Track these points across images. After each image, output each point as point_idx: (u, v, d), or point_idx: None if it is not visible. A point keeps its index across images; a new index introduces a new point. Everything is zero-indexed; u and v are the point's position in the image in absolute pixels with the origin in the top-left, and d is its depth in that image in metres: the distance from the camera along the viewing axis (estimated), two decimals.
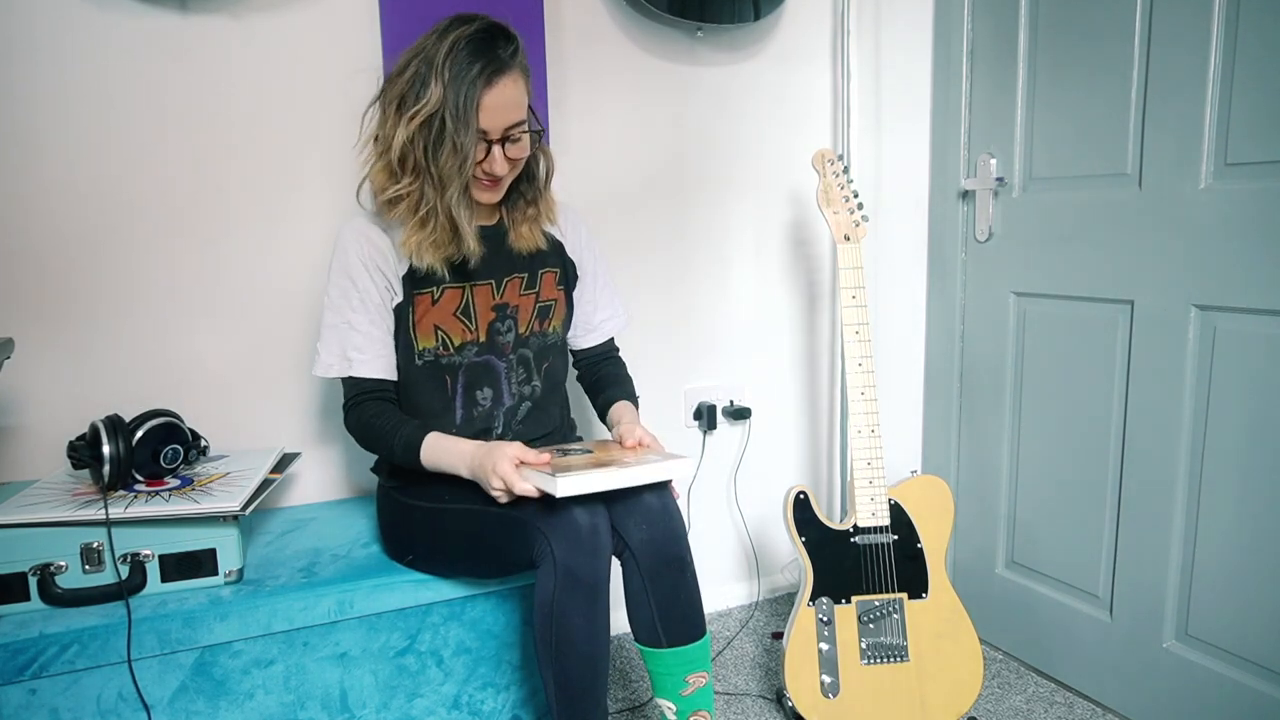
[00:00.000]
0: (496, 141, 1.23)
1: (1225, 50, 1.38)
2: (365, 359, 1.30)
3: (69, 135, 1.46)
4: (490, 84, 1.19)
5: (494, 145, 1.23)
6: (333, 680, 1.29)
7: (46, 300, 1.48)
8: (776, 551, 2.14)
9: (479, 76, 1.18)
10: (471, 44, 1.19)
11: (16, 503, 1.23)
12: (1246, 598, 1.42)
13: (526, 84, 1.26)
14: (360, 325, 1.29)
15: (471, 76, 1.18)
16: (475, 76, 1.18)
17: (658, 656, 1.26)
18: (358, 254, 1.29)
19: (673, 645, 1.25)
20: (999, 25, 1.77)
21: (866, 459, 1.56)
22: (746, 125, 1.98)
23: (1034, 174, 1.73)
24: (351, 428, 1.32)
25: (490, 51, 1.20)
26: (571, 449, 1.32)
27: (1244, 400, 1.40)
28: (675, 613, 1.25)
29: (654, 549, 1.23)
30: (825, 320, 2.13)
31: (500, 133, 1.23)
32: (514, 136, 1.25)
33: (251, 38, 1.54)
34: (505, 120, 1.23)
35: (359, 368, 1.30)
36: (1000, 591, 1.87)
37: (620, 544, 1.24)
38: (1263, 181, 1.35)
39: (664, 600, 1.24)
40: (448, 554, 1.31)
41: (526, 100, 1.26)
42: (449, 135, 1.19)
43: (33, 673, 1.14)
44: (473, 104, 1.19)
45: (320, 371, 1.31)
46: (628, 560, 1.24)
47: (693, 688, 1.27)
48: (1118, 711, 1.64)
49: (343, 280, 1.29)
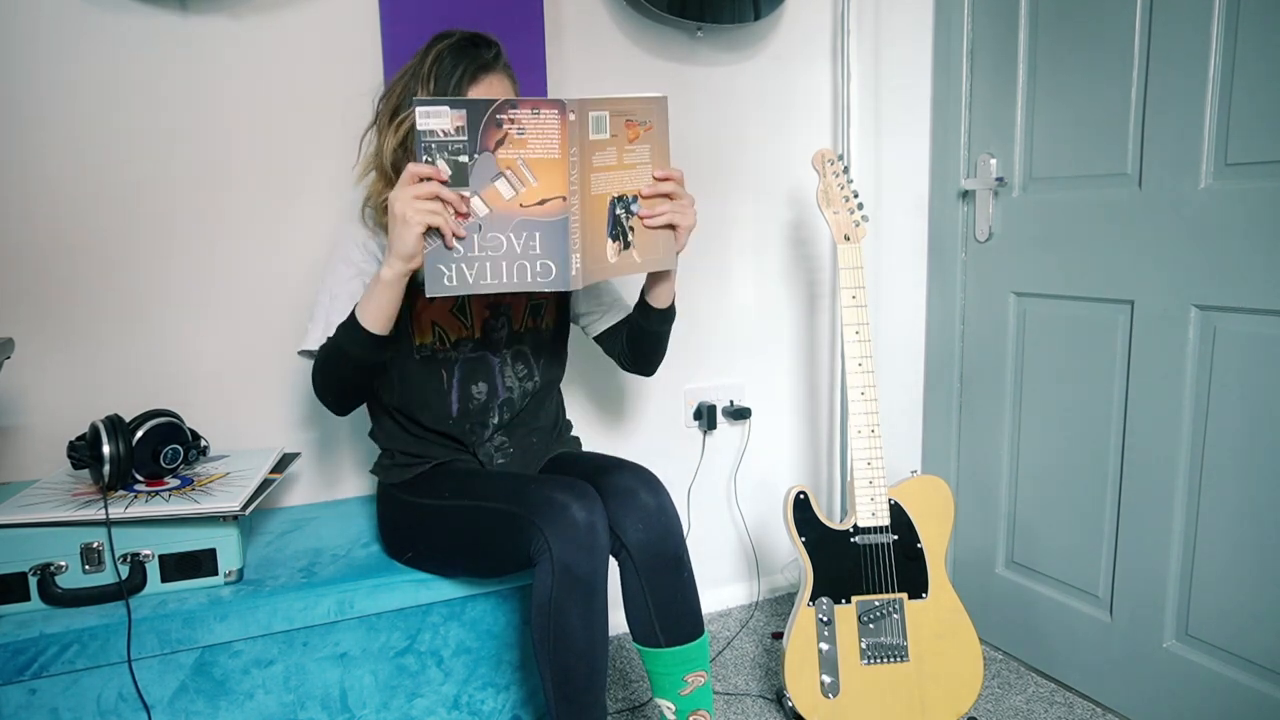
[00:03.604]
0: None
1: (1225, 50, 1.38)
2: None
3: (69, 135, 1.46)
4: (475, 80, 1.24)
5: None
6: (333, 680, 1.29)
7: (47, 300, 1.48)
8: (776, 551, 2.14)
9: (463, 76, 1.23)
10: (453, 50, 1.25)
11: (16, 503, 1.23)
12: (1246, 598, 1.42)
13: (512, 85, 1.30)
14: (344, 297, 1.28)
15: (456, 77, 1.23)
16: (460, 77, 1.23)
17: (656, 656, 1.26)
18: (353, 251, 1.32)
19: (671, 645, 1.26)
20: (999, 25, 1.77)
21: (866, 459, 1.56)
22: (746, 125, 1.98)
23: (1034, 174, 1.72)
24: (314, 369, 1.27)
25: (472, 53, 1.25)
26: None
27: (1244, 400, 1.40)
28: (673, 612, 1.25)
29: (651, 549, 1.24)
30: (825, 320, 2.13)
31: None
32: None
33: (251, 38, 1.54)
34: None
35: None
36: (1000, 591, 1.87)
37: (617, 544, 1.24)
38: (1263, 181, 1.35)
39: (661, 600, 1.25)
40: (446, 552, 1.32)
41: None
42: None
43: (33, 673, 1.14)
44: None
45: (306, 345, 1.31)
46: (625, 560, 1.25)
47: (691, 687, 1.27)
48: (1118, 711, 1.64)
49: (339, 265, 1.32)
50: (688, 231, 1.26)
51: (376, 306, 1.17)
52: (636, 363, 1.48)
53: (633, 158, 1.19)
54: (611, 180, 1.17)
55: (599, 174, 1.15)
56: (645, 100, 1.17)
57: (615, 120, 1.14)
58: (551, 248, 1.13)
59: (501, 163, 1.09)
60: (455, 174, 1.08)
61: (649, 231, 1.23)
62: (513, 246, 1.12)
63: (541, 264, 1.13)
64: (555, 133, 1.09)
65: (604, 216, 1.18)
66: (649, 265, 1.25)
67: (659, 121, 1.19)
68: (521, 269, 1.13)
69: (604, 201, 1.17)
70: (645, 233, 1.22)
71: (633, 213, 1.20)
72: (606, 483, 1.27)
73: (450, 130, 1.07)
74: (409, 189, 1.08)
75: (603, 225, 1.18)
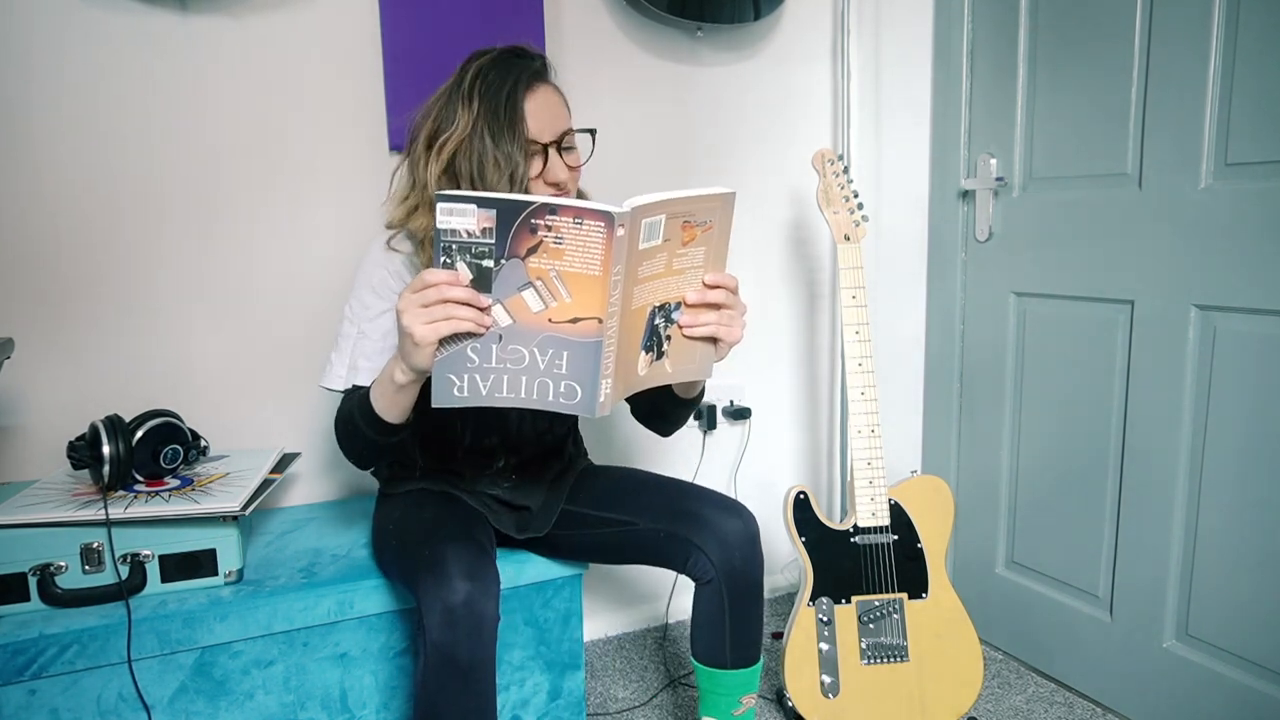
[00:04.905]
0: (552, 145, 1.18)
1: (1225, 50, 1.38)
2: (372, 366, 1.22)
3: (69, 135, 1.46)
4: (531, 88, 1.17)
5: (550, 151, 1.18)
6: (333, 680, 1.29)
7: (47, 300, 1.48)
8: (776, 551, 2.14)
9: (517, 84, 1.15)
10: (498, 64, 1.16)
11: (16, 503, 1.23)
12: (1246, 598, 1.42)
13: (563, 101, 1.23)
14: (373, 334, 1.24)
15: (508, 88, 1.14)
16: (513, 86, 1.14)
17: (718, 677, 1.28)
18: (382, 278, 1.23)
19: (736, 667, 1.28)
20: (999, 25, 1.77)
21: (866, 459, 1.56)
22: (746, 125, 1.97)
23: (1034, 174, 1.72)
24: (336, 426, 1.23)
25: (522, 62, 1.18)
26: None
27: (1244, 400, 1.40)
28: (746, 638, 1.28)
29: (741, 575, 1.25)
30: (825, 320, 2.13)
31: (553, 137, 1.18)
32: (567, 144, 1.22)
33: (251, 38, 1.54)
34: (556, 125, 1.19)
35: (365, 376, 1.21)
36: (1000, 591, 1.87)
37: (707, 567, 1.24)
38: (1263, 181, 1.35)
39: (739, 624, 1.27)
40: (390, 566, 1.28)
41: (568, 112, 1.24)
42: (490, 151, 1.13)
43: (33, 673, 1.14)
44: (517, 111, 1.14)
45: (328, 380, 1.25)
46: (711, 583, 1.25)
47: (744, 708, 1.31)
48: (1118, 711, 1.64)
49: (365, 294, 1.25)
50: (731, 346, 1.10)
51: (390, 403, 1.08)
52: (652, 424, 1.38)
53: (683, 262, 1.01)
54: (655, 289, 1.00)
55: (643, 285, 0.98)
56: (710, 198, 0.99)
57: (671, 223, 0.96)
58: (580, 370, 0.97)
59: (532, 272, 0.93)
60: (478, 278, 0.93)
61: (688, 340, 1.06)
62: (535, 362, 0.97)
63: (566, 385, 0.98)
64: (598, 248, 0.91)
65: (641, 330, 1.02)
66: (681, 375, 1.09)
67: (721, 220, 1.02)
68: (543, 386, 0.99)
69: (643, 314, 1.01)
70: (683, 341, 1.06)
71: (672, 320, 1.04)
72: (697, 507, 1.27)
73: (475, 231, 0.91)
74: (414, 297, 0.94)
75: (638, 340, 1.02)
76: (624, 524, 1.32)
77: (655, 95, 1.87)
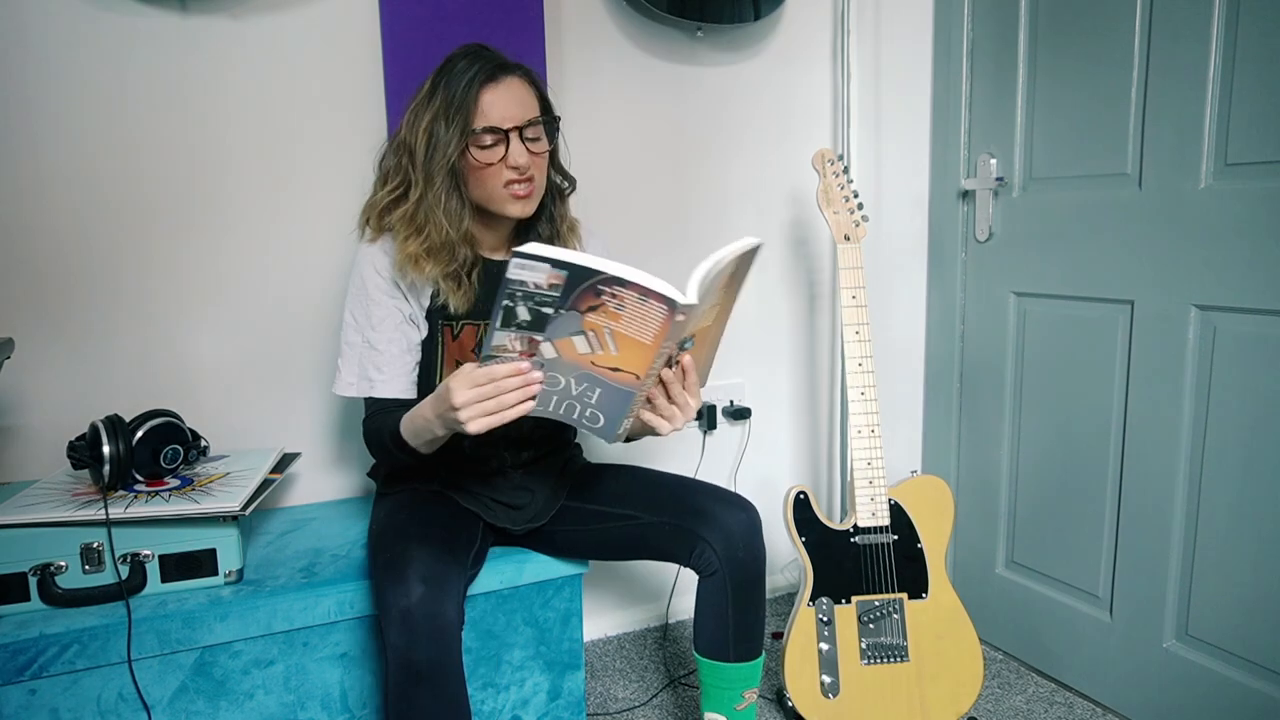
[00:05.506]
0: (513, 132, 1.21)
1: (1225, 50, 1.38)
2: (384, 379, 1.28)
3: (69, 135, 1.46)
4: (494, 79, 1.21)
5: (511, 136, 1.21)
6: (333, 680, 1.29)
7: (47, 300, 1.48)
8: (776, 551, 2.14)
9: (477, 75, 1.21)
10: (469, 55, 1.23)
11: (16, 503, 1.23)
12: (1246, 598, 1.42)
13: (536, 92, 1.27)
14: (380, 344, 1.27)
15: (469, 77, 1.20)
16: (473, 76, 1.21)
17: (721, 670, 1.29)
18: (374, 272, 1.28)
19: (739, 660, 1.29)
20: (999, 25, 1.77)
21: (866, 459, 1.56)
22: (746, 125, 1.97)
23: (1034, 174, 1.73)
24: (366, 440, 1.30)
25: (490, 56, 1.23)
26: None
27: (1244, 400, 1.40)
28: (750, 631, 1.29)
29: (745, 568, 1.26)
30: (825, 320, 2.13)
31: (515, 124, 1.22)
32: (530, 135, 1.24)
33: (251, 38, 1.54)
34: (516, 113, 1.22)
35: (380, 388, 1.28)
36: (1000, 591, 1.87)
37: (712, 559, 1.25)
38: (1263, 181, 1.35)
39: (743, 617, 1.28)
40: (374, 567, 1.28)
41: (538, 107, 1.26)
42: (439, 134, 1.21)
43: (33, 673, 1.14)
44: (471, 99, 1.20)
45: (340, 390, 1.29)
46: (716, 576, 1.26)
47: (746, 703, 1.31)
48: (1118, 711, 1.64)
49: (362, 298, 1.29)
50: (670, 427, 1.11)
51: (425, 443, 1.16)
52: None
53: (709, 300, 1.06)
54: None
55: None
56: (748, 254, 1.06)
57: (715, 288, 1.02)
58: (609, 406, 1.04)
59: (587, 325, 0.98)
60: (534, 320, 0.97)
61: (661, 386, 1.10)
62: (569, 388, 1.03)
63: (592, 412, 1.05)
64: (655, 325, 0.96)
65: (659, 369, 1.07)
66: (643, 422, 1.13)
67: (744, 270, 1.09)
68: (570, 408, 1.05)
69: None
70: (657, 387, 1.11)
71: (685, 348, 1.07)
72: (701, 500, 1.29)
73: (543, 285, 0.95)
74: (473, 395, 1.00)
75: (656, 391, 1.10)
76: (627, 518, 1.33)
77: (655, 95, 1.87)
